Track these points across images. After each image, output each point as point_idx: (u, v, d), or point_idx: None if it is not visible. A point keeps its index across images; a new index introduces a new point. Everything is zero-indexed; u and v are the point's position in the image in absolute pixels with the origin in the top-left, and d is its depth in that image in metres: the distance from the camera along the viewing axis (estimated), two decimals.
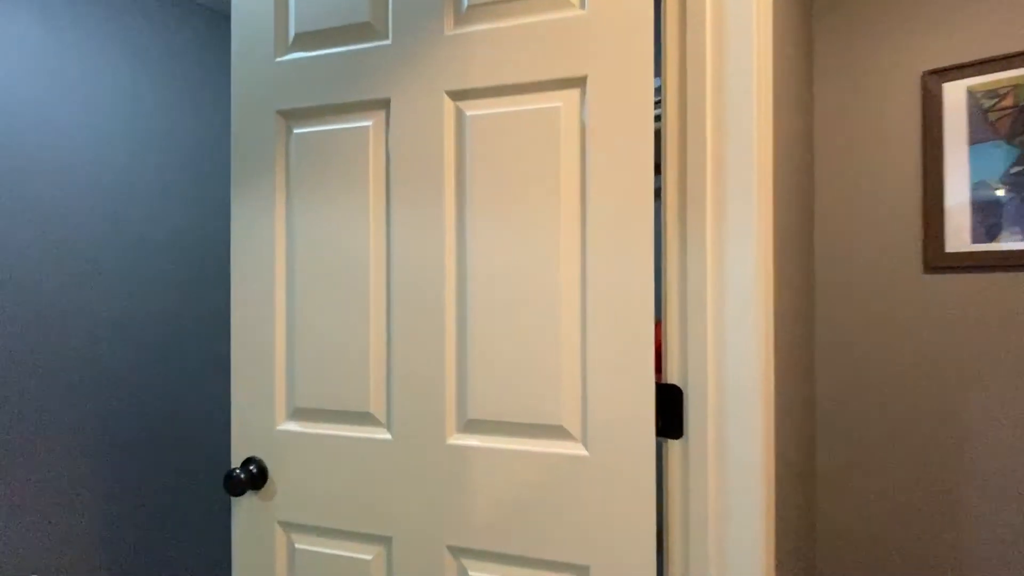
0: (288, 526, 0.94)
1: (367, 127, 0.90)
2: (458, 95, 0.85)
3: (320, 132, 0.92)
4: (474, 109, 0.84)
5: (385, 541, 0.88)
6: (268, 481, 0.95)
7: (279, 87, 0.94)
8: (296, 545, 0.94)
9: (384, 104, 0.89)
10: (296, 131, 0.94)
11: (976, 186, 1.29)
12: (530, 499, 0.79)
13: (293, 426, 0.94)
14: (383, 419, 0.89)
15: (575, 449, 0.78)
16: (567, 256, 0.79)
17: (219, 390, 1.92)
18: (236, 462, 0.97)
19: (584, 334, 0.78)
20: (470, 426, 0.84)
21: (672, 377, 0.77)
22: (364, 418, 0.90)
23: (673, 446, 0.77)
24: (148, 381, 1.75)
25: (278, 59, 0.95)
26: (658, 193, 1.11)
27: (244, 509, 0.97)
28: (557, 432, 0.79)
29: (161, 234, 1.79)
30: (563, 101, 0.80)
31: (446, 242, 0.85)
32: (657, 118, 0.96)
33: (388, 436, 0.88)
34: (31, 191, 1.56)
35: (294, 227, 0.94)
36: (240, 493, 0.91)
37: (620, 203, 0.76)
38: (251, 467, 0.94)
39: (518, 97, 0.82)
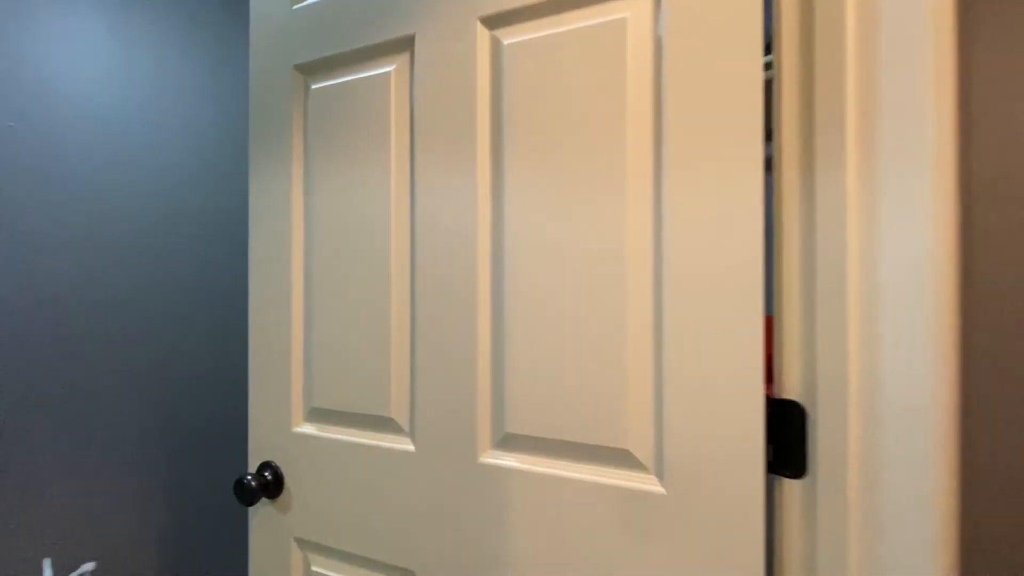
0: (304, 544, 0.82)
1: (388, 73, 0.74)
2: (493, 21, 0.66)
3: (338, 86, 0.79)
4: (513, 36, 0.65)
5: None
6: (284, 490, 0.83)
7: (296, 38, 0.82)
8: (312, 567, 0.81)
9: (408, 43, 0.73)
10: (313, 87, 0.81)
11: None
12: (583, 545, 0.60)
13: (309, 429, 0.81)
14: (406, 426, 0.74)
15: (646, 483, 0.57)
16: (636, 222, 0.58)
17: None
18: (252, 467, 0.87)
19: (660, 327, 0.57)
20: (507, 442, 0.66)
21: (790, 390, 0.54)
22: (384, 424, 0.75)
23: (790, 488, 0.54)
24: (205, 374, 1.75)
25: (295, 7, 0.82)
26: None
27: (260, 520, 0.86)
28: (621, 458, 0.59)
29: (221, 224, 1.78)
30: (630, 11, 0.59)
31: (479, 209, 0.67)
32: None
33: (411, 447, 0.72)
34: (95, 186, 1.59)
35: (312, 199, 0.81)
36: (251, 502, 0.80)
37: (712, 147, 0.54)
38: (266, 473, 0.82)
39: (569, 14, 0.62)
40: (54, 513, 1.57)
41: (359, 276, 0.76)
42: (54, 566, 1.50)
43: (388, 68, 0.74)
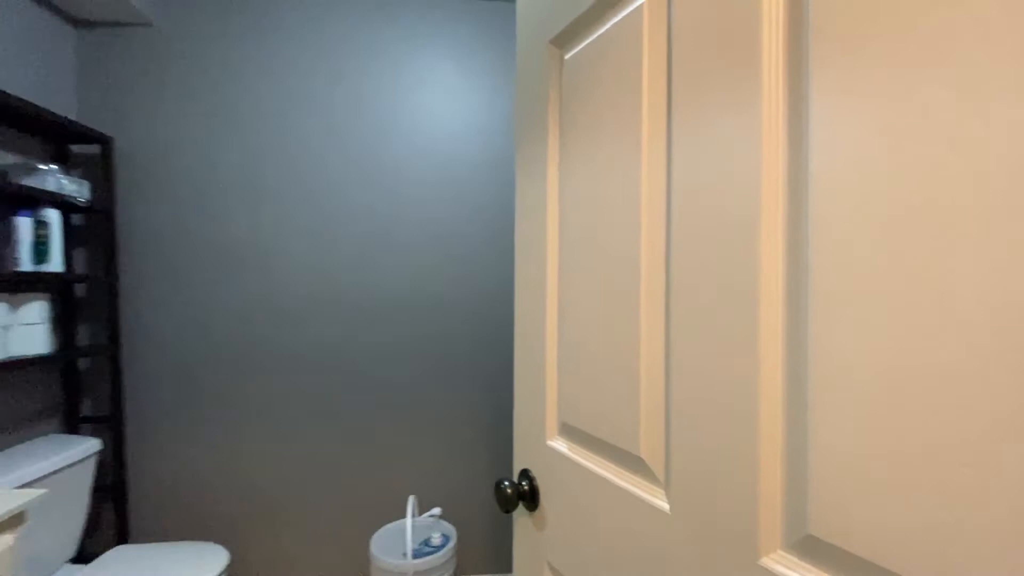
0: (557, 574, 0.73)
1: (640, 7, 0.57)
2: None
3: (587, 47, 0.66)
4: None
5: None
6: (539, 505, 0.77)
7: (551, 11, 0.73)
8: None
9: None
10: (567, 57, 0.71)
11: None
12: None
13: (561, 446, 0.72)
14: (660, 474, 0.55)
15: None
16: None
17: None
18: (515, 472, 0.84)
19: None
20: (808, 549, 0.39)
21: None
22: (634, 464, 0.58)
23: None
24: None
25: None
26: None
27: (521, 530, 0.82)
28: None
29: None
30: None
31: (762, 166, 0.42)
32: None
33: (665, 505, 0.53)
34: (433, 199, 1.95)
35: (564, 186, 0.71)
36: (507, 509, 0.77)
37: None
38: (523, 483, 0.78)
39: None
40: (416, 466, 2.01)
41: (604, 272, 0.62)
42: (416, 504, 1.93)
43: (640, 0, 0.57)
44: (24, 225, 1.50)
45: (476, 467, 1.96)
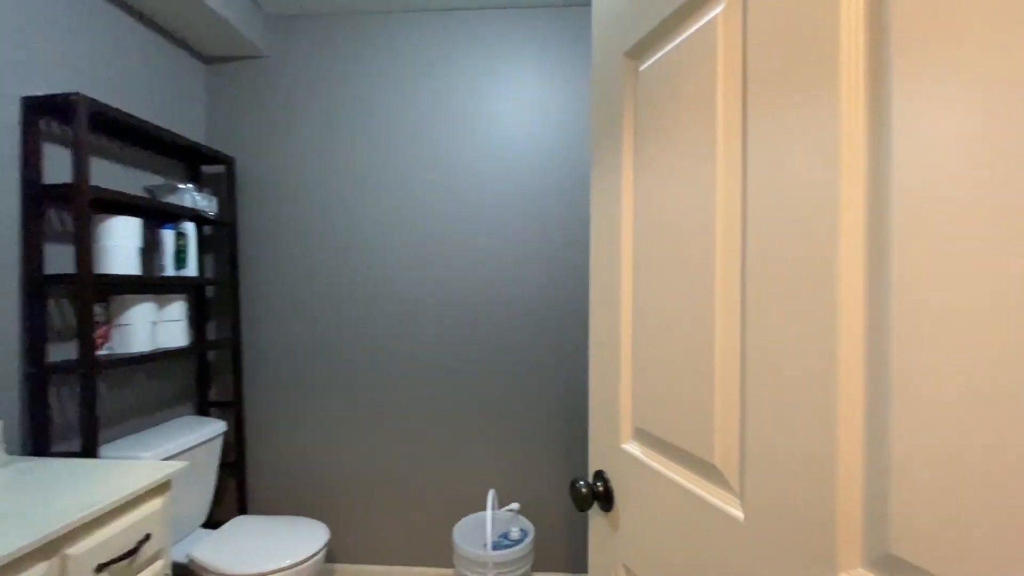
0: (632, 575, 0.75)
1: (715, 19, 0.57)
2: None
3: (662, 58, 0.67)
4: None
5: None
6: (614, 507, 0.79)
7: (625, 25, 0.75)
8: None
9: None
10: (642, 69, 0.72)
11: None
12: None
13: (634, 449, 0.74)
14: (734, 482, 0.55)
15: None
16: None
17: None
18: (590, 473, 0.86)
19: None
20: (888, 568, 0.39)
21: None
22: (708, 471, 0.59)
23: None
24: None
25: None
26: None
27: (596, 529, 0.85)
28: None
29: None
30: None
31: (840, 178, 0.42)
32: None
33: (740, 514, 0.54)
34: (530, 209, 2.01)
35: (638, 194, 0.73)
36: (582, 508, 0.80)
37: None
38: (598, 484, 0.81)
39: None
40: (497, 462, 2.08)
41: (679, 281, 0.63)
42: (495, 497, 1.99)
43: (716, 10, 0.57)
44: (168, 236, 1.76)
45: (554, 466, 2.00)
